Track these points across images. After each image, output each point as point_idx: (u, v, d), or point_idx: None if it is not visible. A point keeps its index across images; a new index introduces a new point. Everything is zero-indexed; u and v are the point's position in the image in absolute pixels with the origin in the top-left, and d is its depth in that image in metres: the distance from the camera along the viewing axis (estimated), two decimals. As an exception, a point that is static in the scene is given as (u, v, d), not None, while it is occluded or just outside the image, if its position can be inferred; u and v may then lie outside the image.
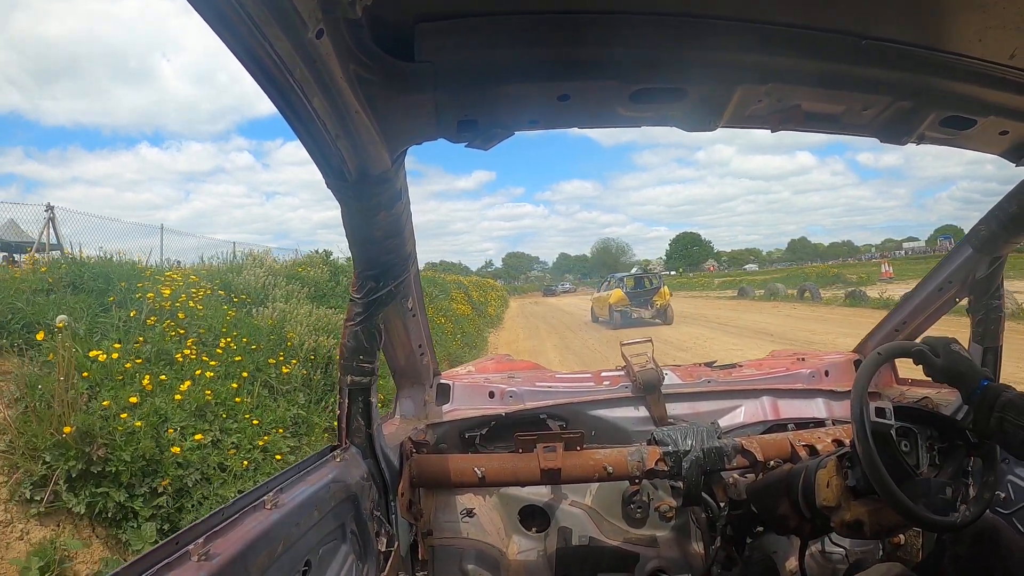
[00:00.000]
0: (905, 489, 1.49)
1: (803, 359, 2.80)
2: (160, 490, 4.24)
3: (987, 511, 1.61)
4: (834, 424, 2.38)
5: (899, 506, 1.48)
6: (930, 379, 1.69)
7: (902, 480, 1.51)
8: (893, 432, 1.55)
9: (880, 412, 1.53)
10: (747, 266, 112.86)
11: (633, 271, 32.05)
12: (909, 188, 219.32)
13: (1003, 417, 1.50)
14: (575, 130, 1.64)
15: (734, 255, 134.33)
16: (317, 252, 11.90)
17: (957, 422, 1.65)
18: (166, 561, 1.09)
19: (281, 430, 5.61)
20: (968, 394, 1.59)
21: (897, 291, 18.61)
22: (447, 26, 1.14)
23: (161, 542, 1.14)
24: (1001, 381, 1.64)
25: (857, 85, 1.34)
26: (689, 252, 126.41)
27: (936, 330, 2.04)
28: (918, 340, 1.77)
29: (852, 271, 49.31)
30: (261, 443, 5.22)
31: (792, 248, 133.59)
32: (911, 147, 1.53)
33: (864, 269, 50.27)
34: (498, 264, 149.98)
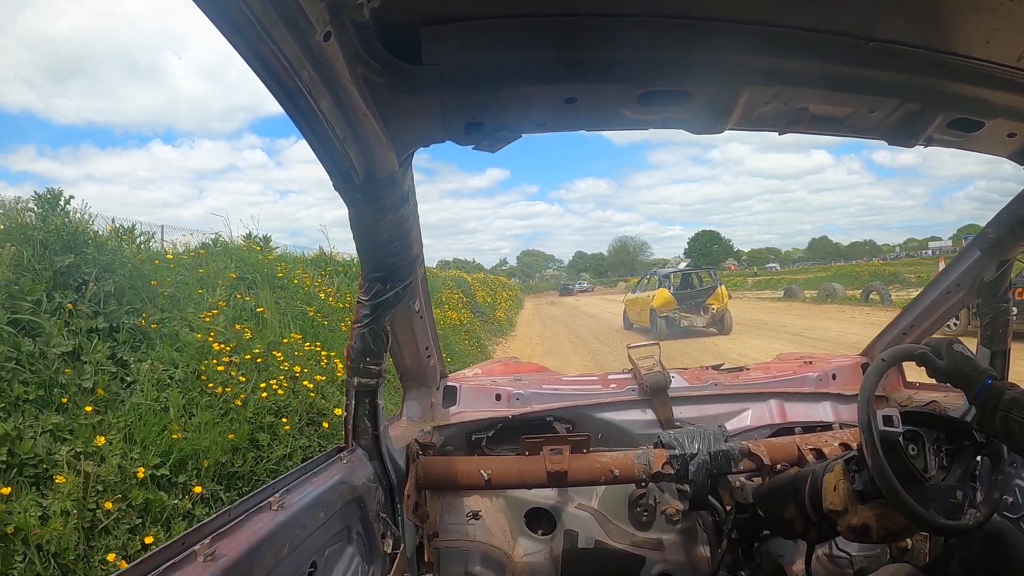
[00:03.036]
0: (915, 495, 1.48)
1: (810, 362, 2.80)
2: None
3: (995, 515, 1.60)
4: (841, 428, 2.37)
5: (909, 511, 1.47)
6: (937, 382, 1.69)
7: (912, 487, 1.50)
8: (901, 439, 1.54)
9: (887, 420, 1.52)
10: (768, 265, 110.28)
11: (681, 266, 25.56)
12: (927, 187, 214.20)
13: (1008, 415, 1.49)
14: (584, 130, 1.65)
15: (753, 254, 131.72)
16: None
17: (963, 422, 1.64)
18: (172, 561, 1.10)
19: None
20: (973, 394, 1.59)
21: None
22: (453, 29, 1.15)
23: (167, 543, 1.14)
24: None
25: (864, 87, 1.34)
26: (709, 251, 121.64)
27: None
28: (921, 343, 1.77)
29: (908, 270, 43.00)
30: None
31: (813, 247, 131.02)
32: None
33: (916, 268, 44.14)
34: (513, 262, 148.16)
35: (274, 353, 5.61)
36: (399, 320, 2.01)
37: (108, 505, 3.33)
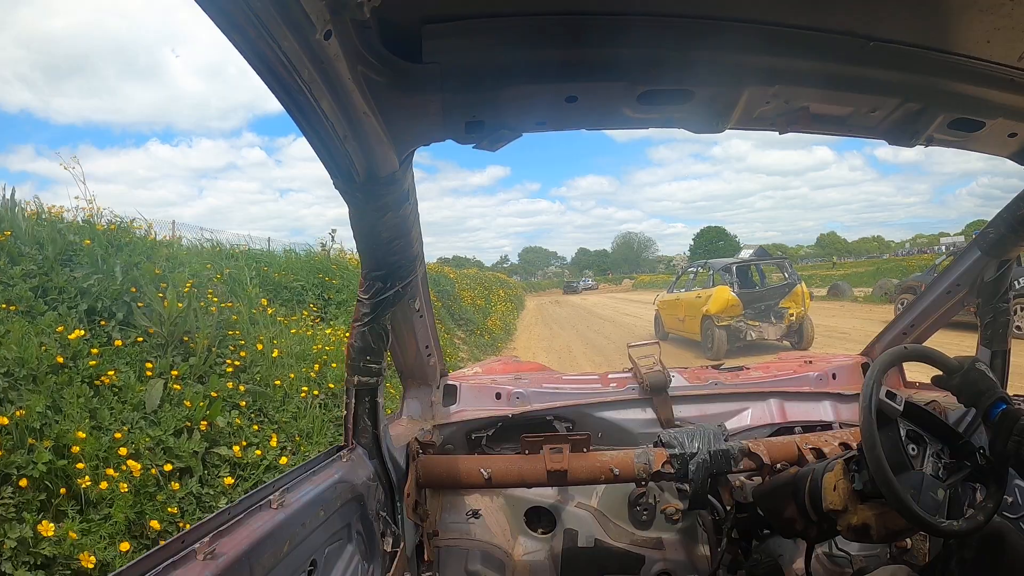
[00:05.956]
0: (900, 479, 1.49)
1: (810, 362, 2.80)
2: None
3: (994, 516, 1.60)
4: (841, 427, 2.37)
5: (896, 501, 1.47)
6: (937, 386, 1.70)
7: (899, 470, 1.51)
8: (900, 422, 1.56)
9: (891, 395, 1.54)
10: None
11: (741, 254, 16.83)
12: (929, 184, 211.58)
13: (1022, 442, 1.49)
14: (584, 129, 1.67)
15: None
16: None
17: (971, 444, 1.64)
18: (171, 560, 1.10)
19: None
20: (982, 412, 1.59)
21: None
22: (454, 27, 1.15)
23: (167, 541, 1.14)
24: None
25: (865, 87, 1.34)
26: (715, 247, 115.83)
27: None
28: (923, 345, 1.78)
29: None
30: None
31: (821, 243, 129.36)
32: None
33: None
34: (515, 260, 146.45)
35: None
36: (399, 319, 2.01)
37: None
